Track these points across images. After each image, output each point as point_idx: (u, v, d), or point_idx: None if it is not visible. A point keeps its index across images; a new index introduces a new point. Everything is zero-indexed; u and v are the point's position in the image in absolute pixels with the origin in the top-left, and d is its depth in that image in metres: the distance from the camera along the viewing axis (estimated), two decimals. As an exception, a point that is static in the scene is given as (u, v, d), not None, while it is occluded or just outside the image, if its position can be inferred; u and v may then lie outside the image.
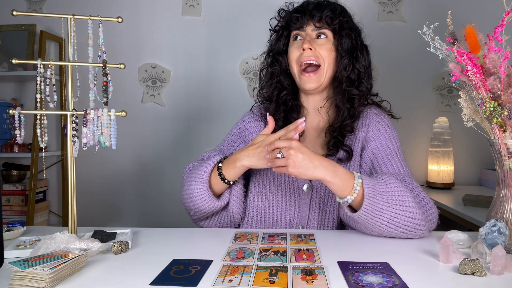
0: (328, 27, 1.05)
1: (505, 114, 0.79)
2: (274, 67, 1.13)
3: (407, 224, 0.87)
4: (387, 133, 1.08)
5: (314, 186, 1.07)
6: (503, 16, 0.80)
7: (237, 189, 1.04)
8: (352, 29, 1.08)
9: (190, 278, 0.67)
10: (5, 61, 2.12)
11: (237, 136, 1.18)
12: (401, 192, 0.87)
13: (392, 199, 0.86)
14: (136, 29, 2.17)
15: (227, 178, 1.00)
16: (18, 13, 0.83)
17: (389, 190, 0.87)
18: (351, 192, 0.87)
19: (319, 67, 1.05)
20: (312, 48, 1.04)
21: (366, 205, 0.85)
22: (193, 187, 1.01)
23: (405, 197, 0.87)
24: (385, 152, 1.05)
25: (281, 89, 1.12)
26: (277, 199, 1.08)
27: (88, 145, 0.85)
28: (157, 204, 2.19)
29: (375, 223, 0.87)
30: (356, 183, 0.87)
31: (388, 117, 1.13)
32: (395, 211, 0.86)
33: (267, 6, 2.07)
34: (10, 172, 2.15)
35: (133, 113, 2.15)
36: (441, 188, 1.87)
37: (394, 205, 0.86)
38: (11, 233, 0.90)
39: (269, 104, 1.13)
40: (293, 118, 1.10)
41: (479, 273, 0.67)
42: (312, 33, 1.06)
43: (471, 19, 0.86)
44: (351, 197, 0.87)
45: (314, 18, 1.05)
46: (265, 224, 1.08)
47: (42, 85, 0.83)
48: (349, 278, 0.66)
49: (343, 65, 1.05)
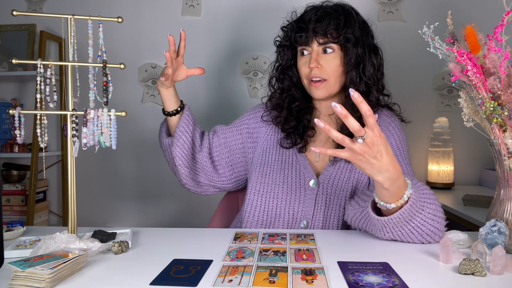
0: (333, 41, 1.03)
1: (505, 114, 0.79)
2: (284, 81, 1.13)
3: (429, 233, 0.85)
4: (397, 135, 1.09)
5: (321, 183, 1.07)
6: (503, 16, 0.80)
7: (183, 119, 1.10)
8: (358, 38, 1.03)
9: (190, 278, 0.67)
10: (5, 61, 2.11)
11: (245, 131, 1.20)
12: (435, 201, 0.86)
13: (427, 207, 0.84)
14: (136, 29, 2.17)
15: (166, 109, 1.11)
16: (18, 13, 0.83)
17: (425, 198, 0.85)
18: (398, 201, 0.81)
19: (326, 80, 1.05)
20: (319, 66, 1.03)
21: (405, 210, 0.81)
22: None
23: (437, 207, 0.85)
24: (395, 154, 1.05)
25: (293, 100, 1.13)
26: (282, 191, 1.08)
27: (88, 145, 0.85)
28: (157, 204, 2.19)
29: (402, 227, 0.84)
30: (406, 194, 0.81)
31: (398, 120, 1.13)
32: (425, 218, 0.83)
33: (267, 6, 2.07)
34: (10, 172, 2.15)
35: (133, 113, 2.14)
36: (441, 188, 1.87)
37: (427, 213, 0.84)
38: (11, 233, 0.90)
39: (280, 111, 1.13)
40: (306, 120, 1.12)
41: (479, 273, 0.67)
42: (318, 48, 1.04)
43: (471, 19, 0.86)
44: (395, 205, 0.81)
45: (317, 35, 1.03)
46: (267, 215, 1.07)
47: (42, 85, 0.83)
48: (349, 278, 0.66)
49: (350, 78, 1.04)
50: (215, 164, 1.18)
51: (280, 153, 1.14)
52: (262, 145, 1.17)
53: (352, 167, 1.08)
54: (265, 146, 1.16)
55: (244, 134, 1.19)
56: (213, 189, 1.22)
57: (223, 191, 1.26)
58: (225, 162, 1.18)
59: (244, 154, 1.19)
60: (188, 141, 1.11)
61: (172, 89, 1.10)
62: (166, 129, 1.17)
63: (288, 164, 1.11)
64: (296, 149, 1.12)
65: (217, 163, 1.18)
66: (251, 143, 1.18)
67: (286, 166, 1.11)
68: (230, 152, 1.18)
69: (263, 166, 1.13)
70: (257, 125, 1.19)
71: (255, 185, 1.11)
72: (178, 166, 1.12)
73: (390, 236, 0.87)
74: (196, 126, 1.16)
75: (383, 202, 0.83)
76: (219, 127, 1.21)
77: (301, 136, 1.12)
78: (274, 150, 1.15)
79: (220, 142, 1.18)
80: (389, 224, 0.84)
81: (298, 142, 1.12)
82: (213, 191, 1.23)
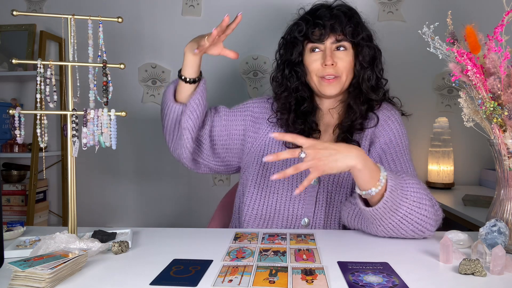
0: (349, 40, 1.05)
1: (505, 114, 0.79)
2: (292, 80, 1.11)
3: (419, 222, 0.86)
4: (397, 129, 1.09)
5: (322, 180, 1.07)
6: (503, 16, 0.80)
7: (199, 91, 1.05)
8: (370, 37, 1.09)
9: (190, 278, 0.67)
10: (5, 61, 2.11)
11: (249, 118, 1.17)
12: (419, 190, 0.87)
13: (410, 195, 0.85)
14: (136, 29, 2.17)
15: (184, 74, 1.04)
16: (18, 13, 0.83)
17: (408, 186, 0.86)
18: (377, 184, 0.84)
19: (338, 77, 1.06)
20: (334, 63, 1.04)
21: (387, 197, 0.84)
22: (162, 99, 1.10)
23: (422, 195, 0.87)
24: (394, 149, 1.06)
25: (301, 101, 1.12)
26: (282, 186, 1.08)
27: (88, 145, 0.85)
28: (157, 204, 2.19)
29: (389, 217, 0.86)
30: (382, 175, 0.85)
31: (398, 113, 1.13)
32: (411, 207, 0.85)
33: (267, 6, 2.07)
34: (10, 172, 2.15)
35: (133, 113, 2.14)
36: (441, 188, 1.87)
37: (412, 201, 0.85)
38: (11, 233, 0.90)
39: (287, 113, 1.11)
40: (313, 122, 1.11)
41: (479, 273, 0.67)
42: (331, 45, 1.06)
43: (471, 19, 0.86)
44: (376, 189, 0.84)
45: (336, 31, 1.04)
46: (267, 210, 1.07)
47: (42, 85, 0.83)
48: (349, 278, 0.66)
49: (366, 75, 1.07)
50: (212, 142, 1.15)
51: (282, 148, 1.12)
52: (264, 138, 1.14)
53: None
54: (267, 140, 1.14)
55: (248, 121, 1.16)
56: (205, 168, 1.18)
57: (214, 172, 1.23)
58: (221, 143, 1.15)
59: (243, 141, 1.16)
60: (201, 115, 1.07)
61: (199, 58, 1.05)
62: (173, 93, 1.09)
63: (290, 160, 1.10)
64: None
65: (214, 142, 1.15)
66: (253, 132, 1.15)
67: (287, 162, 1.10)
68: (229, 136, 1.15)
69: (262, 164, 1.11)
70: (261, 115, 1.16)
71: (255, 178, 1.10)
72: (186, 139, 1.06)
73: (383, 231, 0.88)
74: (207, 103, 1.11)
75: (364, 191, 0.86)
76: (222, 108, 1.18)
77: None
78: (277, 146, 1.13)
79: (222, 124, 1.15)
80: (377, 215, 0.86)
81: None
82: (204, 170, 1.19)
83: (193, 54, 1.02)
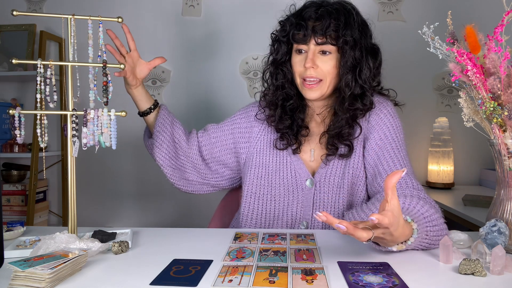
0: (331, 43, 1.00)
1: (505, 114, 0.79)
2: (278, 77, 1.10)
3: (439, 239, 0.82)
4: (390, 123, 1.05)
5: (317, 182, 1.07)
6: (503, 16, 0.80)
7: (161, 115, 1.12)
8: (357, 41, 1.01)
9: (190, 278, 0.67)
10: (5, 61, 2.11)
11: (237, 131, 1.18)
12: (436, 221, 0.83)
13: (430, 230, 0.81)
14: (136, 29, 2.17)
15: (139, 110, 1.14)
16: (18, 13, 0.83)
17: (427, 223, 0.81)
18: (400, 245, 0.77)
19: (321, 80, 1.03)
20: (315, 66, 1.01)
21: (409, 246, 0.78)
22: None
23: (438, 222, 0.83)
24: (391, 145, 1.03)
25: (287, 98, 1.10)
26: (279, 193, 1.08)
27: (88, 145, 0.85)
28: (157, 204, 2.19)
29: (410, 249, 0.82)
30: (411, 240, 0.77)
31: (391, 104, 1.09)
32: (430, 242, 0.81)
33: (267, 6, 2.07)
34: (10, 172, 2.15)
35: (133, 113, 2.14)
36: (441, 188, 1.87)
37: (432, 236, 0.81)
38: (11, 233, 0.90)
39: (274, 109, 1.12)
40: (299, 118, 1.10)
41: (479, 273, 0.67)
42: (315, 48, 1.01)
43: (471, 19, 0.86)
44: (396, 249, 0.77)
45: (316, 34, 1.00)
46: (265, 218, 1.08)
47: (42, 85, 0.83)
48: (349, 278, 0.66)
49: (346, 81, 1.01)
50: (206, 161, 1.17)
51: (274, 154, 1.12)
52: (256, 145, 1.15)
53: (346, 163, 1.06)
54: (258, 146, 1.14)
55: (236, 134, 1.17)
56: (207, 187, 1.21)
57: (219, 189, 1.25)
58: (216, 160, 1.18)
59: (236, 154, 1.17)
60: (166, 140, 1.11)
61: (141, 88, 1.11)
62: (148, 132, 1.18)
63: (283, 165, 1.10)
64: (291, 150, 1.10)
65: (208, 161, 1.17)
66: (244, 143, 1.16)
67: (281, 167, 1.10)
68: (222, 152, 1.17)
69: (258, 168, 1.12)
70: (249, 125, 1.17)
71: (251, 187, 1.10)
72: (160, 166, 1.14)
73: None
74: (175, 123, 1.15)
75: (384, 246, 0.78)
76: (210, 126, 1.20)
77: (295, 136, 1.09)
78: (268, 152, 1.13)
79: (211, 141, 1.17)
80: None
81: (292, 143, 1.09)
82: (207, 190, 1.22)
83: (133, 88, 1.10)
